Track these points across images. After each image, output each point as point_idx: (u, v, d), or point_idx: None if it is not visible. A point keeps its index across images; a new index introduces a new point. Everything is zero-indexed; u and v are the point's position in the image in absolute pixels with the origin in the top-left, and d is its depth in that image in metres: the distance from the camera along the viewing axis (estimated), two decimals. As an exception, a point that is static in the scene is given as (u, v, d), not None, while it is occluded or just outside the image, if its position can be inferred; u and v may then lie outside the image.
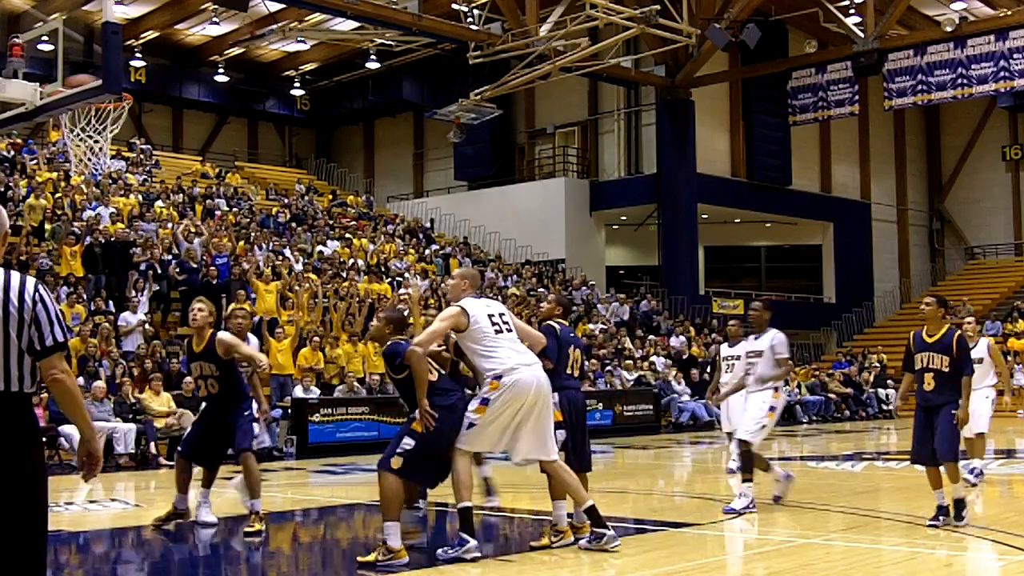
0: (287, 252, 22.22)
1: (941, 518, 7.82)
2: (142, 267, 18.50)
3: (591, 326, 24.68)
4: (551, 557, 6.94)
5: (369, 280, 22.06)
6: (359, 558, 6.65)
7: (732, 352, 12.64)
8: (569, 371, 7.67)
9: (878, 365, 28.12)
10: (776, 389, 9.24)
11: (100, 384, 14.63)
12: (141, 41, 30.94)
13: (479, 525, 7.61)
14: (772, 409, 9.13)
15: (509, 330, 7.05)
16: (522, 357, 6.93)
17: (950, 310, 7.71)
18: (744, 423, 9.18)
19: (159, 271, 18.67)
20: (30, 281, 3.77)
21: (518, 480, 10.55)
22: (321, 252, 23.49)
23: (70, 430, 13.14)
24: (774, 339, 9.13)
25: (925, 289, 36.76)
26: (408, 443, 6.63)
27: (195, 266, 19.03)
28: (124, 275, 18.18)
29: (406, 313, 8.31)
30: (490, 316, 7.01)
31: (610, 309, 26.82)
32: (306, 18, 28.66)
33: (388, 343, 6.99)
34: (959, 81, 26.89)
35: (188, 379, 15.38)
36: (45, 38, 11.37)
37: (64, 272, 17.77)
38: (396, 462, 6.56)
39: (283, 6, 25.50)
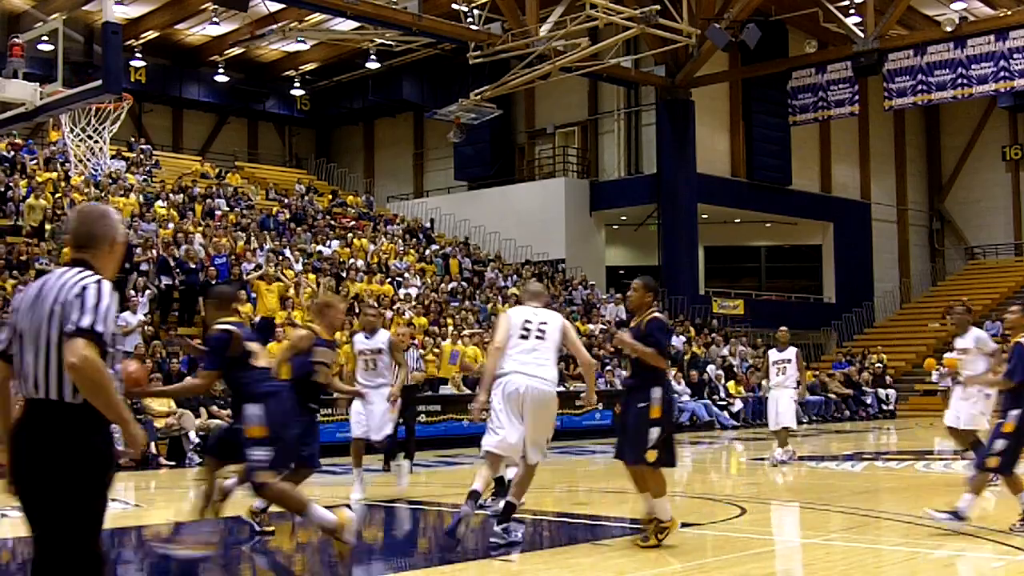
0: (287, 252, 22.21)
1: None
2: (142, 267, 18.49)
3: (591, 326, 24.68)
4: (552, 557, 6.95)
5: (369, 280, 22.05)
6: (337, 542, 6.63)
7: (781, 357, 13.18)
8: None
9: (878, 365, 28.10)
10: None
11: (100, 384, 14.59)
12: (141, 41, 30.93)
13: (480, 526, 7.60)
14: (988, 396, 10.00)
15: (540, 338, 7.10)
16: (522, 366, 6.99)
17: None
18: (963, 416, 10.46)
19: (159, 271, 18.65)
20: (91, 278, 3.43)
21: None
22: (321, 252, 23.48)
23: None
24: (977, 337, 10.29)
25: (925, 289, 36.83)
26: (261, 453, 6.62)
27: (195, 266, 19.03)
28: (124, 275, 18.17)
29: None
30: (526, 322, 7.11)
31: (610, 309, 26.82)
32: (306, 18, 28.65)
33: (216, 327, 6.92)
34: (959, 81, 26.87)
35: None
36: (45, 38, 11.38)
37: (64, 272, 17.73)
38: (263, 476, 6.60)
39: (283, 6, 25.49)
